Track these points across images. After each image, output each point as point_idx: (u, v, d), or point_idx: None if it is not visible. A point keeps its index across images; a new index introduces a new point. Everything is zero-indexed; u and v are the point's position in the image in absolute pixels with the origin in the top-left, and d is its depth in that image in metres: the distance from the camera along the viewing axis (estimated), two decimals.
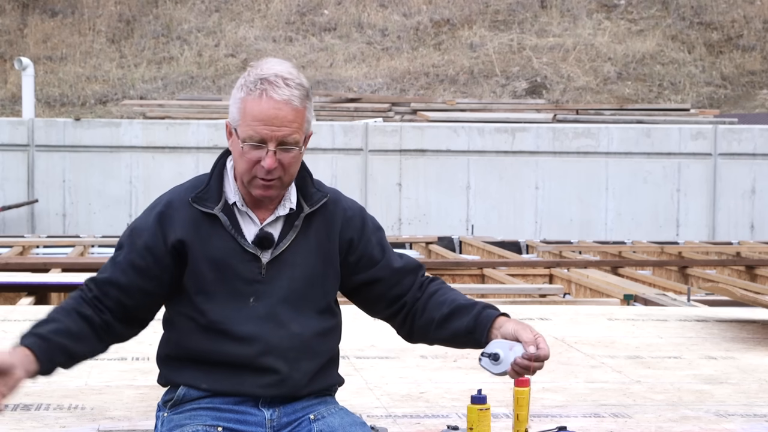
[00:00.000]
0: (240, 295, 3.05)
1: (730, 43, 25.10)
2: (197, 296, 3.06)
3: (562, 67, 24.17)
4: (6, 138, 16.75)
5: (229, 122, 3.07)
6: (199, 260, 3.05)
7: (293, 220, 3.11)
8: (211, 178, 3.12)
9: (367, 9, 25.85)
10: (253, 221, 3.09)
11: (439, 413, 4.54)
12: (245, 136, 3.00)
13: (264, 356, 3.04)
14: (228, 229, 3.06)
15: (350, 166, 16.97)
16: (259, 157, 2.99)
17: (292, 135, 3.00)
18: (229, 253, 3.05)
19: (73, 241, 14.12)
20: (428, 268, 11.21)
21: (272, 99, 2.98)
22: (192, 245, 3.05)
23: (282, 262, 3.08)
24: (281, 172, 3.01)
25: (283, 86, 2.99)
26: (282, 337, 3.05)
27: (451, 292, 3.23)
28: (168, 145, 16.90)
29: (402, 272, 3.21)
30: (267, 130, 2.97)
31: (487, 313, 3.15)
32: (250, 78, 3.02)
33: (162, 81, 23.70)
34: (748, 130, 17.60)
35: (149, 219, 3.10)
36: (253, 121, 2.98)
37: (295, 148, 3.01)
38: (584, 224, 17.20)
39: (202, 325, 3.06)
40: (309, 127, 3.07)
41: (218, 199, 3.08)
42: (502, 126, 17.46)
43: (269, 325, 3.05)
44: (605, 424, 4.40)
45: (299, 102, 3.00)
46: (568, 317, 7.40)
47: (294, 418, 3.10)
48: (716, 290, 8.56)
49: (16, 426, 4.25)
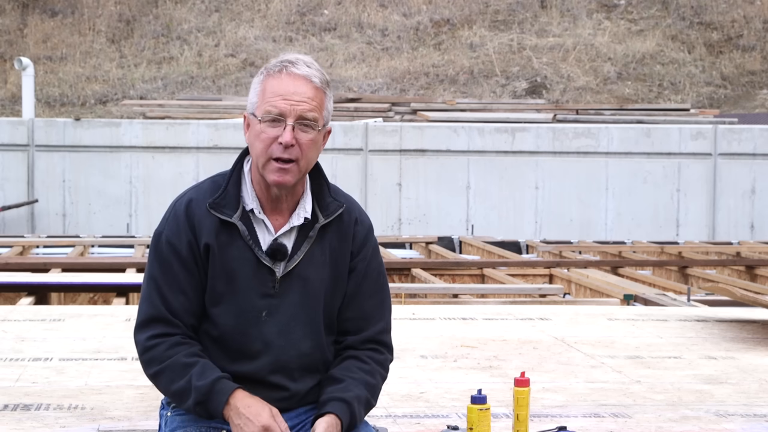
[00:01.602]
0: (252, 309, 3.01)
1: (730, 43, 25.09)
2: (212, 308, 3.02)
3: (562, 67, 24.17)
4: (6, 138, 16.75)
5: (246, 113, 3.03)
6: (218, 270, 3.00)
7: (308, 230, 3.04)
8: (229, 182, 3.05)
9: (367, 9, 25.85)
10: (268, 229, 3.03)
11: (439, 413, 4.54)
12: (263, 112, 2.96)
13: (273, 374, 3.02)
14: (246, 239, 3.00)
15: (350, 166, 16.97)
16: (276, 135, 2.95)
17: (311, 112, 2.96)
18: (244, 263, 3.00)
19: (73, 241, 14.11)
20: (428, 268, 11.24)
21: (292, 74, 2.97)
22: (213, 252, 3.00)
23: (294, 275, 3.02)
24: (298, 153, 2.96)
25: (304, 66, 2.99)
26: (291, 357, 3.03)
27: (351, 373, 3.06)
28: (168, 145, 16.89)
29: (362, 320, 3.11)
30: (286, 104, 2.95)
31: (324, 406, 3.00)
32: (271, 62, 3.03)
33: (162, 81, 23.70)
34: (748, 130, 17.60)
35: (179, 227, 3.02)
36: (272, 96, 2.96)
37: (314, 128, 2.96)
38: (584, 224, 17.20)
39: (213, 336, 3.03)
40: (328, 118, 3.03)
41: (236, 206, 3.02)
42: (502, 126, 17.46)
43: (280, 342, 3.01)
44: (605, 424, 4.40)
45: (319, 82, 2.98)
46: (568, 317, 7.40)
47: (297, 422, 3.09)
48: (716, 290, 8.55)
49: (16, 426, 4.25)
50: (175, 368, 2.96)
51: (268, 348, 3.01)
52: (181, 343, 2.99)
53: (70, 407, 4.58)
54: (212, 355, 3.03)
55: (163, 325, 3.00)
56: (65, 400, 4.69)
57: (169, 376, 2.97)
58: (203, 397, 2.92)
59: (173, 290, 3.00)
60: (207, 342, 3.04)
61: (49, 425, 4.28)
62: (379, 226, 16.64)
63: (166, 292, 3.00)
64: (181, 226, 3.01)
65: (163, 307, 3.00)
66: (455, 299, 9.26)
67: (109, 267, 10.52)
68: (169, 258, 3.01)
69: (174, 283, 3.00)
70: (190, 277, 3.00)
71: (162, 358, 2.98)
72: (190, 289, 3.00)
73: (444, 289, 9.69)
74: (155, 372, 3.00)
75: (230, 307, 3.01)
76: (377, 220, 16.77)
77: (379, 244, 12.61)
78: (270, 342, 3.01)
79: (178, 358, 2.96)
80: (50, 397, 4.73)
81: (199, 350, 3.00)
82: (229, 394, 2.91)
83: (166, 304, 3.00)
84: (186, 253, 3.00)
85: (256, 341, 3.01)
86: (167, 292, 3.00)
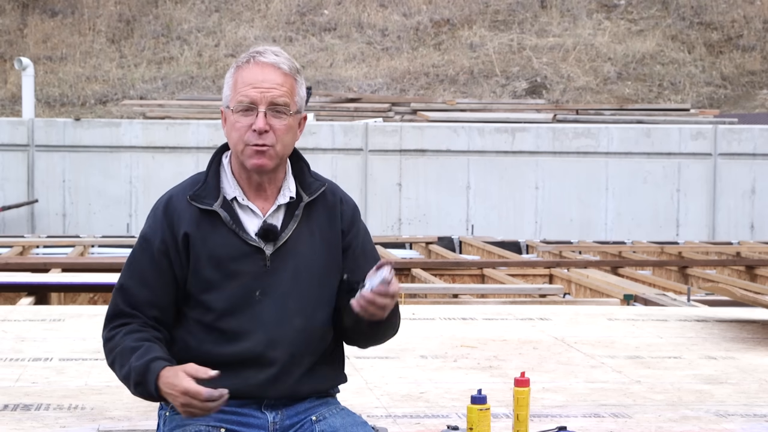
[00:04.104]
0: (246, 289, 3.05)
1: (730, 43, 25.09)
2: (202, 295, 3.06)
3: (562, 67, 24.17)
4: (6, 138, 16.75)
5: (222, 108, 3.12)
6: (202, 258, 3.05)
7: (293, 209, 3.11)
8: (208, 175, 3.13)
9: (367, 9, 25.84)
10: (255, 213, 3.09)
11: (439, 413, 4.54)
12: (236, 103, 3.05)
13: (267, 350, 3.03)
14: (229, 224, 3.06)
15: (350, 166, 16.97)
16: (250, 123, 3.03)
17: (282, 97, 3.04)
18: (231, 249, 3.05)
19: (73, 241, 14.11)
20: (428, 268, 11.24)
21: (260, 62, 3.05)
22: (195, 241, 3.06)
23: (285, 252, 3.07)
24: (273, 139, 3.03)
25: (272, 54, 3.07)
26: (286, 331, 3.05)
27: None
28: (168, 145, 16.89)
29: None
30: (256, 92, 3.02)
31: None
32: (241, 56, 3.11)
33: (162, 81, 23.70)
34: (748, 130, 17.60)
35: (156, 223, 3.09)
36: (243, 86, 3.04)
37: (286, 113, 3.04)
38: (584, 224, 17.20)
39: (206, 323, 3.06)
40: (301, 104, 3.11)
41: (216, 196, 3.08)
42: (502, 126, 17.46)
43: (274, 318, 3.05)
44: (605, 424, 4.40)
45: (288, 68, 3.06)
46: (568, 317, 7.40)
47: (296, 420, 3.10)
48: (716, 290, 8.56)
49: (16, 426, 4.25)
50: (124, 353, 3.01)
51: (262, 325, 3.04)
52: (135, 330, 3.04)
53: (70, 407, 4.58)
54: (204, 340, 3.05)
55: (122, 318, 3.07)
56: (65, 400, 4.69)
57: (119, 362, 3.02)
58: (140, 378, 2.95)
59: (137, 284, 3.07)
60: (197, 329, 3.06)
61: (49, 425, 4.28)
62: (379, 226, 16.64)
63: (131, 286, 3.07)
64: (158, 223, 3.08)
65: (124, 303, 3.07)
66: (455, 299, 9.26)
67: (109, 267, 10.52)
68: (139, 254, 3.09)
69: (139, 278, 3.07)
70: (157, 273, 3.05)
71: (115, 346, 3.04)
72: (156, 284, 3.06)
73: (444, 289, 9.69)
74: (111, 362, 3.06)
75: (223, 291, 3.05)
76: (377, 220, 16.78)
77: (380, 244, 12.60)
78: (264, 320, 3.04)
79: (127, 343, 3.01)
80: (50, 397, 4.73)
81: (153, 336, 3.03)
82: (158, 374, 2.92)
83: (127, 299, 3.07)
84: (157, 249, 3.06)
85: (251, 321, 3.04)
86: (132, 286, 3.07)
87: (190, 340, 3.08)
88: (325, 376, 3.15)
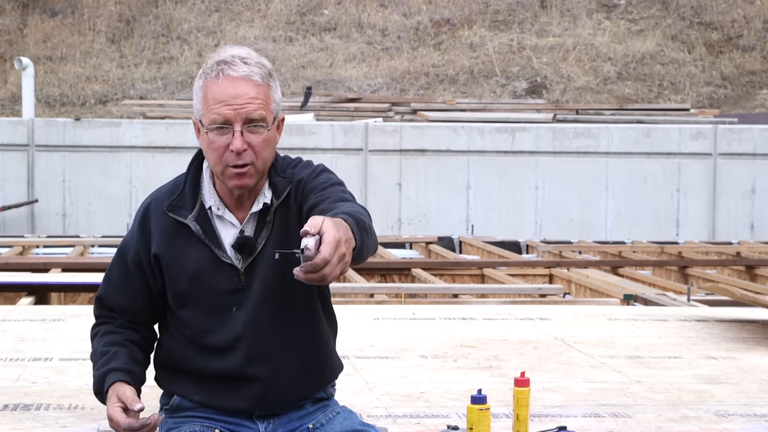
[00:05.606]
0: (222, 306, 2.96)
1: (730, 43, 25.09)
2: (180, 310, 3.00)
3: (562, 67, 24.16)
4: (6, 138, 16.75)
5: (194, 118, 2.95)
6: (176, 275, 2.97)
7: (265, 216, 2.96)
8: (186, 182, 3.02)
9: (367, 9, 25.84)
10: (232, 224, 2.97)
11: (439, 413, 4.54)
12: (209, 121, 2.87)
13: (249, 365, 2.95)
14: (202, 239, 2.95)
15: (350, 166, 16.97)
16: (227, 143, 2.85)
17: (257, 111, 2.85)
18: (205, 264, 2.95)
19: (73, 241, 14.11)
20: (428, 268, 11.24)
21: (230, 77, 2.86)
22: (166, 260, 2.97)
23: (257, 264, 2.95)
24: (252, 156, 2.87)
25: (241, 64, 2.87)
26: (265, 344, 2.95)
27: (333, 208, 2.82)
28: (168, 145, 16.89)
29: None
30: (229, 109, 2.84)
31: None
32: (208, 64, 2.92)
33: (162, 81, 23.70)
34: (748, 130, 17.59)
35: (132, 234, 3.07)
36: (214, 103, 2.85)
37: (263, 128, 2.87)
38: (584, 224, 17.20)
39: (187, 337, 3.00)
40: (278, 108, 2.93)
41: (193, 206, 2.98)
42: (502, 126, 17.45)
43: (251, 332, 2.94)
44: (605, 424, 4.40)
45: (260, 78, 2.87)
46: (568, 317, 7.40)
47: (291, 429, 3.02)
48: (716, 290, 8.55)
49: (16, 426, 4.25)
50: (95, 357, 3.04)
51: (239, 340, 2.95)
52: (110, 332, 3.05)
53: (70, 407, 4.57)
54: (188, 351, 3.00)
55: (101, 318, 3.11)
56: (65, 400, 4.69)
57: (93, 365, 3.05)
58: (96, 387, 2.97)
59: (113, 291, 3.08)
60: (182, 341, 3.01)
61: (49, 425, 4.27)
62: (379, 226, 16.64)
63: (105, 293, 3.10)
64: (134, 234, 3.05)
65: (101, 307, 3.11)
66: (455, 299, 9.26)
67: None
68: (116, 262, 3.09)
69: (114, 286, 3.08)
70: (131, 282, 3.04)
71: (92, 346, 3.08)
72: (132, 292, 3.04)
73: (444, 289, 9.69)
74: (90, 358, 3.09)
75: (198, 308, 2.97)
76: (377, 220, 16.77)
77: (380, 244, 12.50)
78: (241, 336, 2.95)
79: (97, 347, 3.04)
80: (50, 397, 4.73)
81: (125, 339, 3.02)
82: (109, 387, 2.92)
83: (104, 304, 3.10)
84: (132, 260, 3.03)
85: (228, 337, 2.95)
86: (106, 293, 3.10)
87: (176, 349, 3.03)
88: (314, 378, 3.05)
